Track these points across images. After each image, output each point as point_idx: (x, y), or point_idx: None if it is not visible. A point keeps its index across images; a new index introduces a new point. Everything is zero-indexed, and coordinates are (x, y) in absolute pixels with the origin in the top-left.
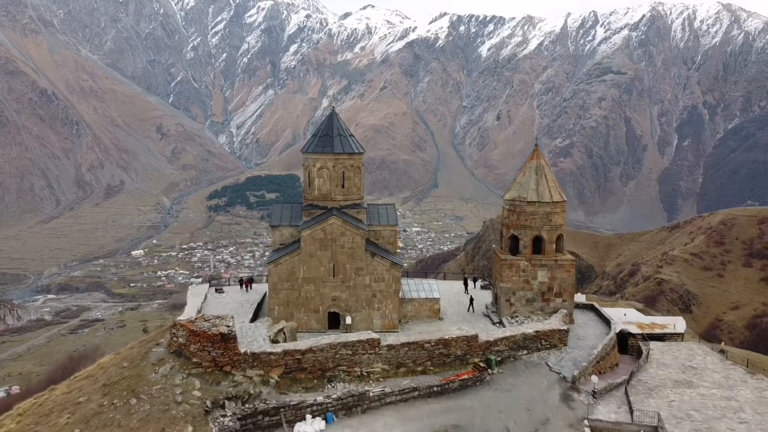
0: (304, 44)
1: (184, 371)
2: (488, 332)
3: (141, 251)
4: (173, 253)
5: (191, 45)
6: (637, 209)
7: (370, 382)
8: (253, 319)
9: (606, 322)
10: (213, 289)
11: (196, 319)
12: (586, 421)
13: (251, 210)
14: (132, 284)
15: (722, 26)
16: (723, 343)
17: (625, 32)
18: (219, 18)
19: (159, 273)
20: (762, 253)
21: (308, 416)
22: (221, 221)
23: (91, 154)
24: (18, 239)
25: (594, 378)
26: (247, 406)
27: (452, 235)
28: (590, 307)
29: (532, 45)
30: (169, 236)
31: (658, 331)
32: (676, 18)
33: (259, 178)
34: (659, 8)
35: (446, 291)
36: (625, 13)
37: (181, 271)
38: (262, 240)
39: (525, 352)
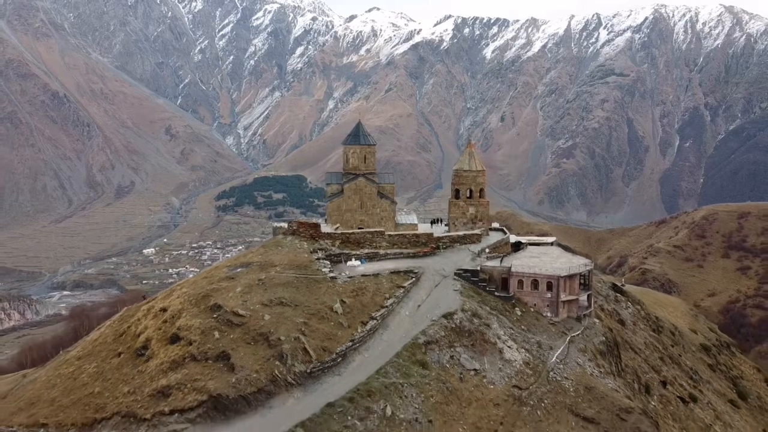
0: (310, 47)
1: (298, 239)
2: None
3: (152, 250)
4: (183, 252)
5: (199, 48)
6: (638, 209)
7: (380, 249)
8: None
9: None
10: None
11: (300, 219)
12: (479, 265)
13: (259, 210)
14: (144, 281)
15: (724, 28)
16: (624, 280)
17: (628, 34)
18: (226, 21)
19: (170, 270)
20: (739, 246)
21: (353, 259)
22: (230, 221)
23: (102, 155)
24: (32, 238)
25: (486, 249)
26: (327, 252)
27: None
28: (501, 230)
29: (536, 47)
30: (179, 235)
31: (537, 240)
32: (679, 20)
33: (266, 178)
34: (662, 10)
35: (422, 227)
36: (628, 16)
37: (191, 269)
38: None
39: (458, 244)
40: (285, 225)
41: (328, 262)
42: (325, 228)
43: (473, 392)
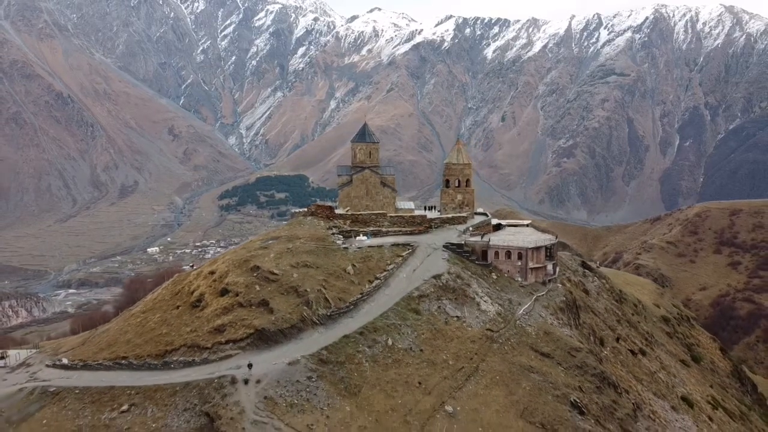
0: (311, 47)
1: (316, 219)
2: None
3: (156, 248)
4: (187, 251)
5: (201, 48)
6: (638, 208)
7: (383, 228)
8: None
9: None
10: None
11: (317, 202)
12: (464, 240)
13: (261, 209)
14: (149, 279)
15: (724, 28)
16: (598, 262)
17: (629, 34)
18: (228, 21)
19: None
20: (731, 242)
21: (361, 234)
22: (233, 220)
23: (105, 155)
24: (37, 237)
25: (470, 228)
26: (340, 229)
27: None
28: (484, 214)
29: (537, 47)
30: (183, 234)
31: (514, 222)
32: (679, 20)
33: (269, 178)
34: (662, 10)
35: (418, 212)
36: (629, 16)
37: (195, 268)
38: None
39: (447, 224)
40: (305, 209)
41: (341, 237)
42: (338, 210)
43: (455, 332)
